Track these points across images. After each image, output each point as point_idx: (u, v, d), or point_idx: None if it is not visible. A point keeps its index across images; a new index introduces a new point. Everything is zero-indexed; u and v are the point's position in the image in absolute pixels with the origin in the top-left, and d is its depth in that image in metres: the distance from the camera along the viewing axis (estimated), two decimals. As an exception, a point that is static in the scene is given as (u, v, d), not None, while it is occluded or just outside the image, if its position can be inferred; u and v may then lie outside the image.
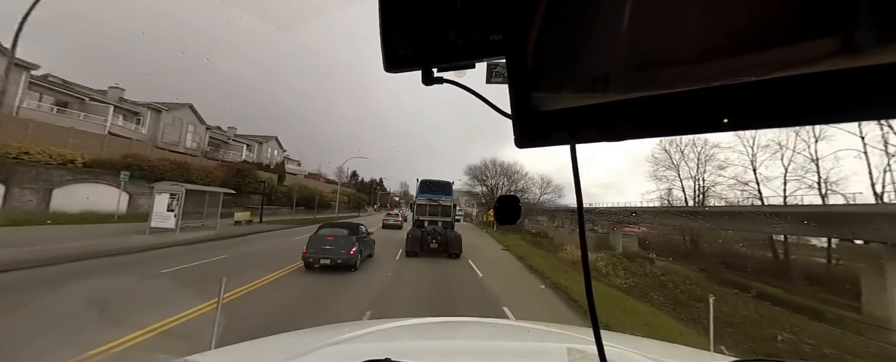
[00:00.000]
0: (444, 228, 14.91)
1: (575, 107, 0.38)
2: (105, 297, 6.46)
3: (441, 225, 15.25)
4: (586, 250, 0.56)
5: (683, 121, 0.34)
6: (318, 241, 9.95)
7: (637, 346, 1.63)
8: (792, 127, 0.32)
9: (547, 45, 0.38)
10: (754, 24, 0.28)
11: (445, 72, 0.53)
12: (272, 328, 4.43)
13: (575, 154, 0.50)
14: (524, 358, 1.46)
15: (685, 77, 0.32)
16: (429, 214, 15.76)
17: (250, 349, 1.55)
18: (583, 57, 0.37)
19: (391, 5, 0.49)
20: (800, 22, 0.27)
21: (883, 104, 0.26)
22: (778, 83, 0.28)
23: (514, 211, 0.81)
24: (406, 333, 1.89)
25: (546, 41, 0.38)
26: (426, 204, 15.87)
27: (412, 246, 13.74)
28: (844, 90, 0.27)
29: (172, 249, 12.00)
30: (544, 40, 0.38)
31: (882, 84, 0.26)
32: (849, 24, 0.25)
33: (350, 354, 1.41)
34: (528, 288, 10.53)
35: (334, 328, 1.95)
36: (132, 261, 9.86)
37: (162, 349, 4.57)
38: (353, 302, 7.24)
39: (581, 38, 0.37)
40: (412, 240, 13.83)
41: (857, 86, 0.26)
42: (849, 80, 0.26)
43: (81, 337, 4.47)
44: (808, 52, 0.27)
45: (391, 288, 8.74)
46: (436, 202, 15.87)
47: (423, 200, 15.96)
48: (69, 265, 8.61)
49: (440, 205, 15.85)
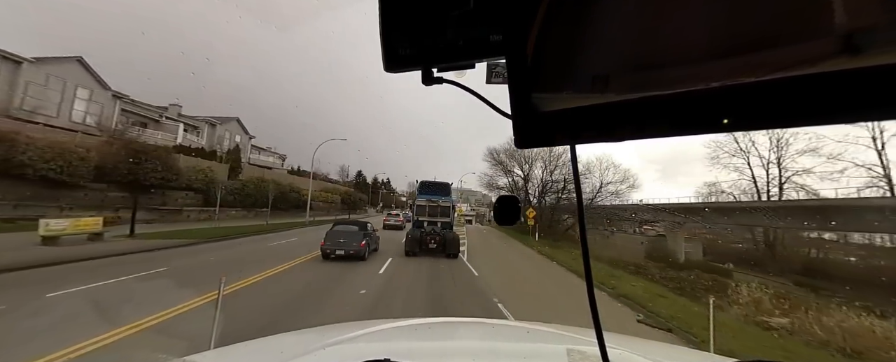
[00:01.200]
0: (443, 229, 15.14)
1: (575, 108, 0.38)
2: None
3: (440, 225, 15.48)
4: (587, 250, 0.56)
5: (683, 121, 0.34)
6: (333, 236, 12.13)
7: (637, 347, 1.63)
8: (792, 128, 0.31)
9: (547, 45, 0.38)
10: (754, 25, 0.28)
11: (445, 72, 0.53)
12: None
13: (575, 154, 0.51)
14: (524, 359, 1.46)
15: (685, 77, 0.32)
16: (428, 215, 15.95)
17: (249, 349, 1.55)
18: (583, 57, 0.37)
19: (391, 5, 0.49)
20: (799, 23, 0.27)
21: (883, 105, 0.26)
22: (778, 84, 0.28)
23: (514, 211, 0.85)
24: (405, 333, 1.89)
25: (546, 41, 0.38)
26: (426, 205, 16.08)
27: (411, 246, 13.97)
28: (844, 91, 0.27)
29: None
30: (544, 40, 0.38)
31: (882, 85, 0.25)
32: (849, 24, 0.25)
33: (350, 354, 1.41)
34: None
35: (334, 328, 1.95)
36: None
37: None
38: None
39: (581, 39, 0.37)
40: (411, 240, 14.06)
41: (858, 86, 0.26)
42: (849, 80, 0.26)
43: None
44: (808, 53, 0.27)
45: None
46: (435, 203, 16.07)
47: (423, 201, 16.17)
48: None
49: (439, 206, 16.06)
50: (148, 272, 8.60)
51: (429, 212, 16.00)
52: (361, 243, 11.89)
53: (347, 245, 11.68)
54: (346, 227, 12.80)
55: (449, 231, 15.07)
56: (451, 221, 16.28)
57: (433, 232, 14.48)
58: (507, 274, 12.49)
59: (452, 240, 14.25)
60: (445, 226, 15.58)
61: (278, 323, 5.61)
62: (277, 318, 5.95)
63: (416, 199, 16.86)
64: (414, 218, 16.40)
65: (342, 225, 13.31)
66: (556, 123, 0.40)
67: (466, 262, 13.54)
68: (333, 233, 12.21)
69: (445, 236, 14.25)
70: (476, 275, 11.11)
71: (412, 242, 14.00)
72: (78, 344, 4.43)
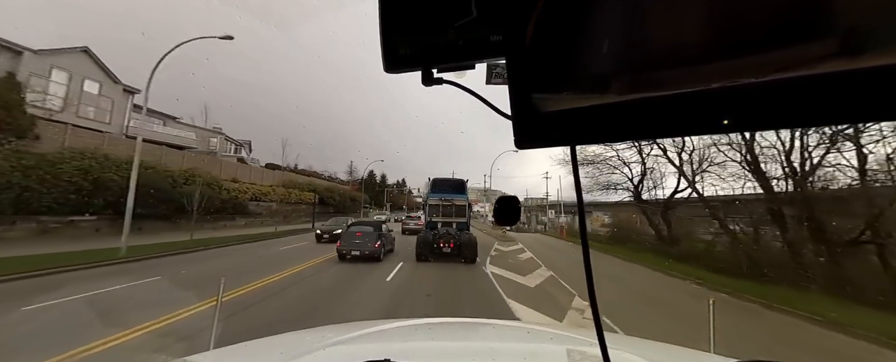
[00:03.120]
0: (459, 230, 13.86)
1: (575, 108, 0.38)
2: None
3: (455, 226, 14.16)
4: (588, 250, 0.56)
5: (683, 122, 0.34)
6: (349, 237, 12.29)
7: (637, 347, 1.63)
8: (792, 128, 0.31)
9: (547, 45, 0.38)
10: (754, 26, 0.28)
11: (445, 72, 0.53)
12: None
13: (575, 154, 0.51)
14: (524, 359, 1.46)
15: (685, 78, 0.32)
16: (442, 215, 14.53)
17: (249, 349, 1.55)
18: (582, 58, 0.37)
19: (391, 5, 0.50)
20: (799, 23, 0.27)
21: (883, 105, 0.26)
22: (778, 84, 0.28)
23: (514, 211, 0.86)
24: (405, 334, 1.89)
25: (546, 42, 0.38)
26: (439, 204, 14.66)
27: (423, 249, 12.56)
28: (844, 91, 0.27)
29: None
30: (544, 41, 0.38)
31: (882, 85, 0.25)
32: (849, 25, 0.25)
33: (350, 355, 1.41)
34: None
35: (334, 328, 1.95)
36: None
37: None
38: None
39: (581, 40, 0.37)
40: (423, 243, 12.67)
41: (858, 86, 0.26)
42: (849, 81, 0.26)
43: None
44: (807, 54, 0.27)
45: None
46: (449, 202, 14.63)
47: (436, 200, 14.73)
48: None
49: (454, 205, 14.63)
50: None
51: (442, 211, 14.59)
52: (376, 244, 12.11)
53: (363, 246, 11.99)
54: (363, 228, 13.08)
55: (465, 232, 13.72)
56: (468, 222, 14.79)
57: (447, 233, 13.02)
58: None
59: (469, 242, 12.89)
60: (461, 227, 14.20)
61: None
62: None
63: (428, 199, 15.37)
64: (427, 218, 14.95)
65: (358, 225, 13.71)
66: (556, 123, 0.40)
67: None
68: (349, 234, 12.50)
69: (461, 238, 12.84)
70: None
71: (424, 245, 12.61)
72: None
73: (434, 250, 12.51)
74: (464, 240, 12.78)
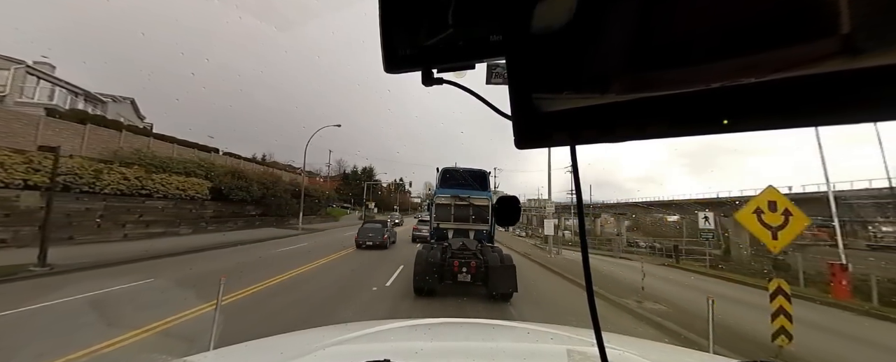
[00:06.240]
0: (479, 242, 9.11)
1: (575, 108, 0.38)
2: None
3: (473, 236, 9.61)
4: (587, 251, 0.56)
5: (683, 121, 0.34)
6: (364, 232, 17.50)
7: (637, 348, 1.63)
8: (792, 128, 0.31)
9: (547, 45, 0.38)
10: (754, 26, 0.28)
11: (445, 72, 0.53)
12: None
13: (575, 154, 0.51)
14: (524, 360, 1.45)
15: (685, 78, 0.32)
16: (454, 220, 9.94)
17: (249, 350, 1.55)
18: (583, 57, 0.37)
19: (391, 5, 0.49)
20: (799, 23, 0.27)
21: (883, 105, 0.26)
22: (777, 84, 0.28)
23: (514, 211, 0.85)
24: (406, 334, 1.89)
25: (546, 41, 0.38)
26: (450, 203, 9.98)
27: (423, 275, 7.70)
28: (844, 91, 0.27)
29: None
30: (544, 40, 0.38)
31: (882, 85, 0.25)
32: (849, 24, 0.25)
33: (350, 355, 1.41)
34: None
35: (334, 329, 1.95)
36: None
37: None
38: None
39: (581, 39, 0.37)
40: (425, 265, 7.74)
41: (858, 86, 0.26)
42: (849, 81, 0.26)
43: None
44: (807, 54, 0.27)
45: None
46: (465, 201, 9.87)
47: (446, 198, 10.02)
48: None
49: (471, 206, 9.84)
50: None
51: (455, 215, 9.95)
52: (384, 236, 17.35)
53: (374, 238, 17.20)
54: (373, 225, 18.22)
55: (491, 248, 8.72)
56: (491, 230, 9.98)
57: (463, 250, 8.20)
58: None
59: (501, 265, 7.75)
60: (481, 238, 9.60)
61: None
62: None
63: (435, 196, 10.48)
64: (432, 224, 10.39)
65: (370, 223, 18.81)
66: (556, 123, 0.40)
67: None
68: (364, 230, 17.62)
69: (487, 258, 7.87)
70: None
71: (427, 268, 7.65)
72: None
73: (444, 275, 7.79)
74: (492, 260, 7.83)
